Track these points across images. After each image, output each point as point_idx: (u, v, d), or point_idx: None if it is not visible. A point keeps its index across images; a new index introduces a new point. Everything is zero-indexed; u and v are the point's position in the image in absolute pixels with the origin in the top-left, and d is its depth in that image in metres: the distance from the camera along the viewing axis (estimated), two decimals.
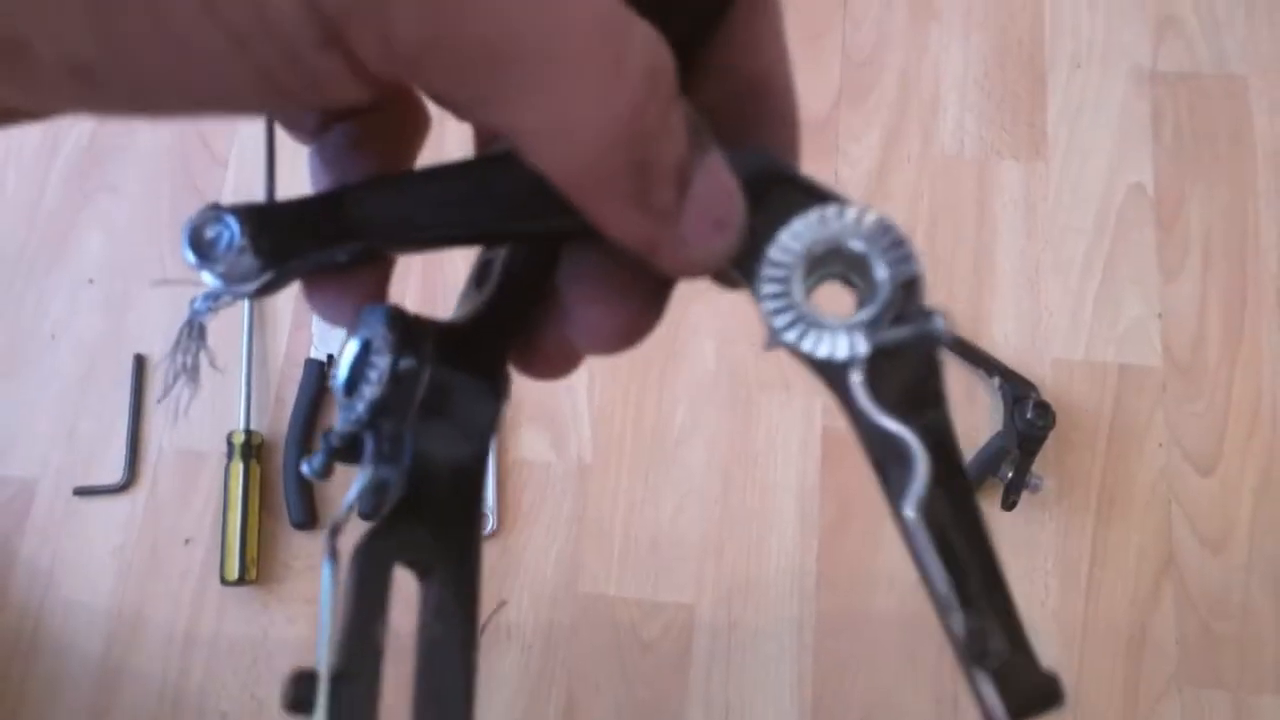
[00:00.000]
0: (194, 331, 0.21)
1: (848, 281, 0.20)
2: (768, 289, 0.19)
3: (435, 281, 0.88)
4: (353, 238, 0.20)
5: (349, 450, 0.20)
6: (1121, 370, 0.86)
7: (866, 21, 0.97)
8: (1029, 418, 0.79)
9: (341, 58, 0.14)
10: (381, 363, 0.20)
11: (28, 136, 0.94)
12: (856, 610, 0.81)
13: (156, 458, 0.86)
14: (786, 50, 0.21)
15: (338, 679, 0.17)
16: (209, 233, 0.19)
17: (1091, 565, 0.82)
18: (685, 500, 0.84)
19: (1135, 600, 0.81)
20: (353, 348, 0.20)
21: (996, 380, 0.84)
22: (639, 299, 0.21)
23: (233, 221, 0.19)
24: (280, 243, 0.19)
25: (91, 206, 0.92)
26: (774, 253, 0.19)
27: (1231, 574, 0.81)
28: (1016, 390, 0.83)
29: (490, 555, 0.83)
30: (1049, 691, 0.18)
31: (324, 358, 0.86)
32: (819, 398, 0.86)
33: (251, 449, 0.83)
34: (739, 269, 0.20)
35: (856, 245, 0.19)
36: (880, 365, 0.19)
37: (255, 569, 0.81)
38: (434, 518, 0.20)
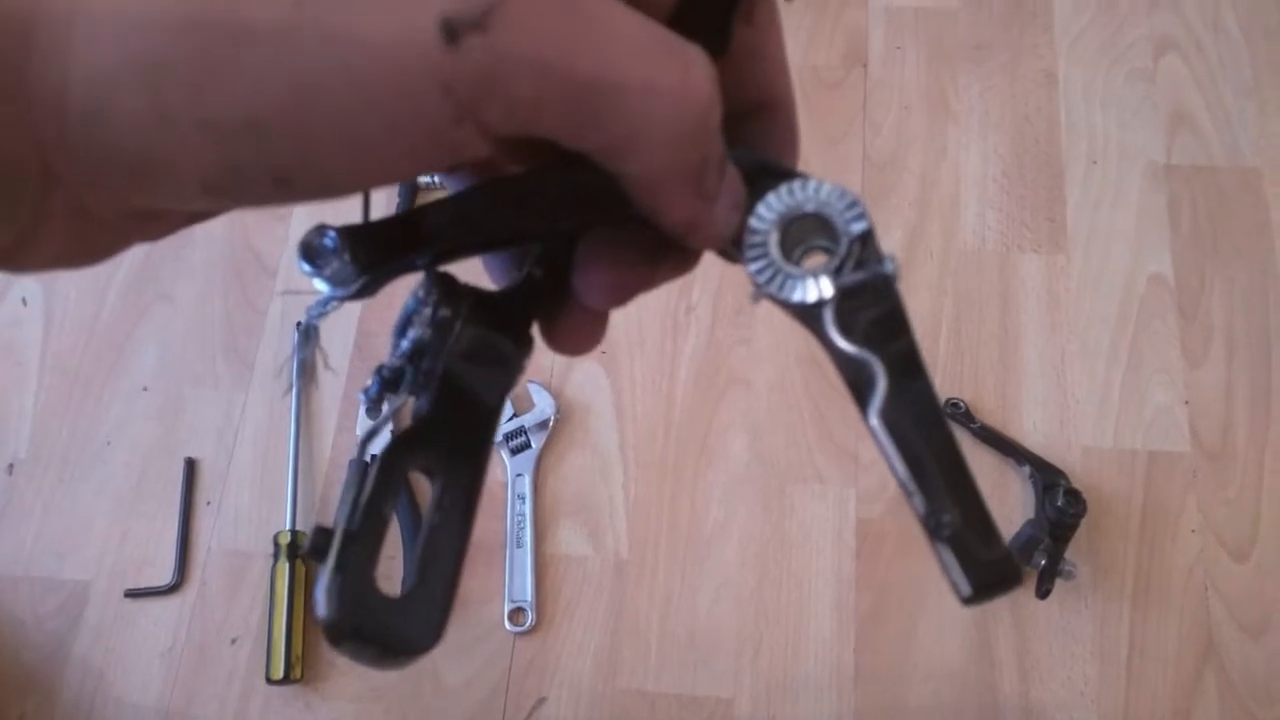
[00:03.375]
0: (309, 334, 0.26)
1: (826, 250, 0.24)
2: (751, 252, 0.24)
3: None
4: (426, 247, 0.24)
5: (395, 382, 0.24)
6: (1151, 457, 0.87)
7: (885, 126, 1.01)
8: (1060, 505, 0.79)
9: (473, 127, 0.18)
10: (426, 310, 0.24)
11: None
12: (895, 702, 0.81)
13: (205, 559, 0.88)
14: (788, 69, 0.26)
15: (348, 537, 0.21)
16: (316, 243, 0.23)
17: (1130, 652, 0.81)
18: (721, 594, 0.85)
19: (1178, 688, 0.81)
20: (410, 302, 0.25)
21: (1027, 469, 0.86)
22: (632, 264, 0.26)
23: (334, 236, 0.23)
24: (371, 253, 0.24)
25: (148, 317, 0.97)
26: (753, 222, 0.24)
27: (1274, 660, 0.81)
28: (1047, 478, 0.84)
29: (529, 650, 0.84)
30: (1005, 568, 0.22)
31: (368, 459, 0.88)
32: (852, 488, 0.87)
33: (297, 549, 0.85)
34: (733, 243, 0.24)
35: (816, 208, 0.24)
36: (847, 305, 0.23)
37: (300, 668, 0.82)
38: (451, 439, 0.24)
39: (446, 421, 0.24)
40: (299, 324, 0.94)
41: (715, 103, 0.20)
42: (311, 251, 0.23)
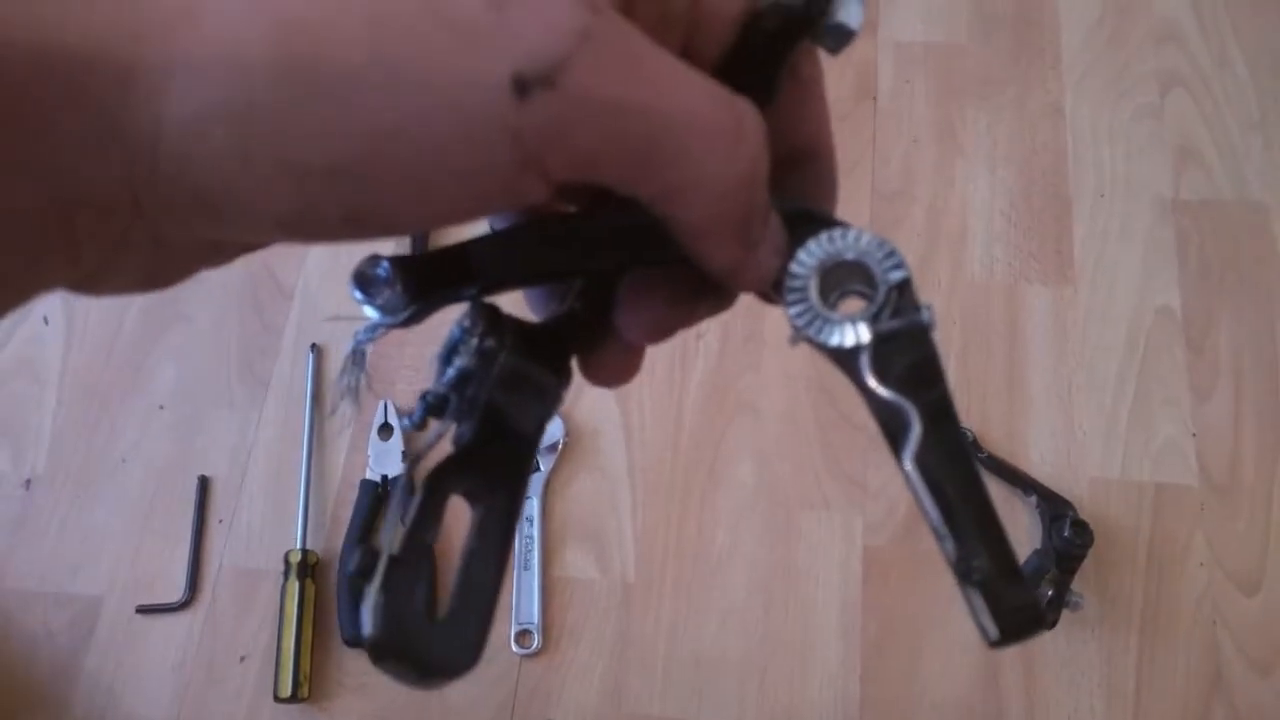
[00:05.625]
0: (357, 358, 0.26)
1: (863, 295, 0.25)
2: (791, 296, 0.25)
3: None
4: (473, 280, 0.25)
5: (440, 408, 0.25)
6: (1158, 489, 0.87)
7: (894, 158, 1.02)
8: (1066, 536, 0.80)
9: (536, 174, 0.19)
10: (472, 341, 0.25)
11: None
12: None
13: (216, 576, 0.89)
14: (829, 121, 0.27)
15: (393, 560, 0.22)
16: (369, 273, 0.24)
17: (1138, 685, 0.81)
18: (727, 619, 0.85)
19: None
20: (455, 331, 0.25)
21: (1034, 499, 0.86)
22: (674, 303, 0.27)
23: (387, 266, 0.24)
24: (421, 284, 0.25)
25: (165, 337, 0.98)
26: (794, 267, 0.25)
27: None
28: (1054, 509, 0.84)
29: (535, 673, 0.84)
30: (1031, 611, 0.23)
31: (378, 479, 0.89)
32: (859, 516, 0.87)
33: (307, 568, 0.86)
34: (773, 286, 0.25)
35: (855, 257, 0.25)
36: (883, 351, 0.24)
37: (308, 686, 0.83)
38: (491, 465, 0.25)
39: (488, 449, 0.25)
40: (314, 346, 0.96)
41: (763, 157, 0.22)
42: (365, 280, 0.24)
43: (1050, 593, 0.80)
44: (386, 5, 0.18)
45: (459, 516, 0.24)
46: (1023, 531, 0.86)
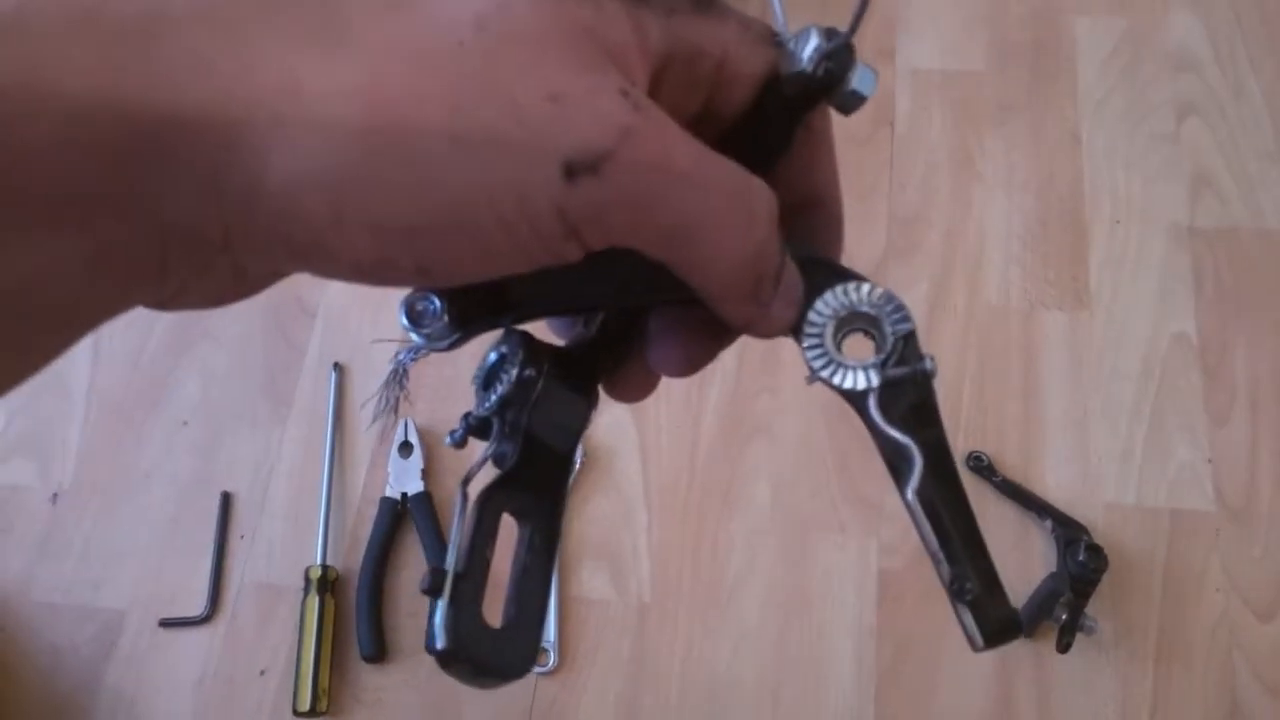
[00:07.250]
0: (399, 375, 0.29)
1: (869, 334, 0.28)
2: (808, 341, 0.28)
3: None
4: (512, 310, 0.28)
5: (481, 429, 0.27)
6: (1174, 515, 0.87)
7: (911, 183, 1.03)
8: (1081, 560, 0.80)
9: (575, 242, 0.22)
10: (512, 370, 0.27)
11: None
12: None
13: (237, 591, 0.90)
14: (837, 171, 0.30)
15: (458, 577, 0.24)
16: (419, 306, 0.27)
17: (1153, 711, 0.81)
18: (742, 641, 0.86)
19: None
20: (493, 356, 0.28)
21: (1049, 523, 0.86)
22: (702, 341, 0.29)
23: (436, 299, 0.27)
24: (465, 313, 0.27)
25: (191, 354, 1.00)
26: (812, 316, 0.28)
27: None
28: (1068, 533, 0.84)
29: (550, 691, 0.85)
30: (1011, 623, 0.26)
31: (398, 496, 0.91)
32: (874, 539, 0.88)
33: (327, 583, 0.87)
34: (792, 329, 0.28)
35: (868, 310, 0.28)
36: (889, 394, 0.27)
37: (326, 700, 0.84)
38: (534, 484, 0.27)
39: (530, 469, 0.27)
40: (336, 365, 0.97)
41: (773, 235, 0.25)
42: (414, 312, 0.27)
43: (1065, 616, 0.80)
44: (462, 92, 0.21)
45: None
46: (1037, 556, 0.87)
